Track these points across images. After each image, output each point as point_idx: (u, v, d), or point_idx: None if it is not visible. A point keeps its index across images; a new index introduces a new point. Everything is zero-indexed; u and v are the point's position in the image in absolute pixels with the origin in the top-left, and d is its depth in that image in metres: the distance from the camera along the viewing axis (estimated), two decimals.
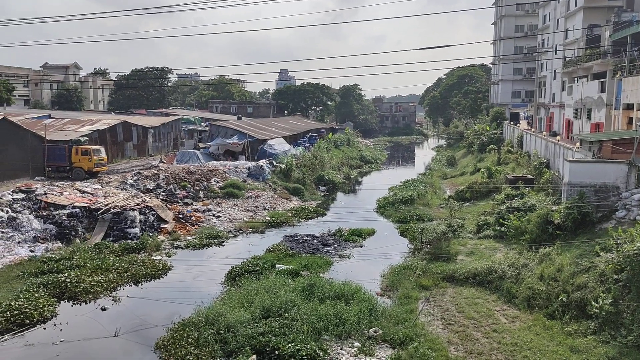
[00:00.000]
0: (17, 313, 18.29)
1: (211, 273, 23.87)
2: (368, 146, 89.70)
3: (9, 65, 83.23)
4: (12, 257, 25.11)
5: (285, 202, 40.13)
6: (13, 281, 21.90)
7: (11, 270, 23.33)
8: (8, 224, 27.77)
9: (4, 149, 33.87)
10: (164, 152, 55.41)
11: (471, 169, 51.49)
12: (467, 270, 22.01)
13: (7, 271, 23.19)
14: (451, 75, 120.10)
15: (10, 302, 18.89)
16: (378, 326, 17.27)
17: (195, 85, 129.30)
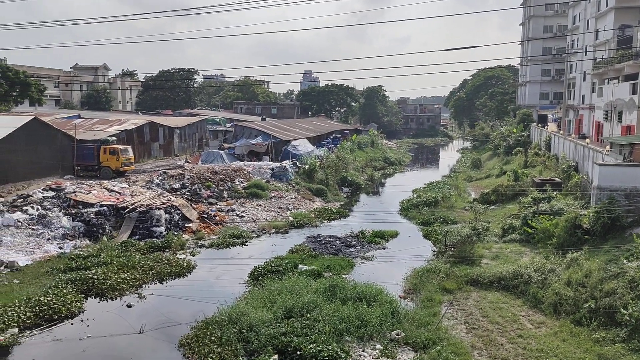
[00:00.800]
0: (45, 308, 18.73)
1: (234, 272, 24.05)
2: (392, 148, 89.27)
3: (41, 67, 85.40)
4: (42, 254, 25.73)
5: (308, 203, 40.21)
6: (42, 277, 22.44)
7: (41, 266, 23.91)
8: (38, 221, 28.46)
9: (35, 148, 34.70)
10: (189, 152, 56.07)
11: (497, 172, 50.80)
12: (491, 274, 21.70)
13: (36, 267, 23.78)
14: (477, 76, 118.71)
15: (39, 298, 19.36)
16: (400, 329, 17.16)
17: (221, 86, 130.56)
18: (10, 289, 20.80)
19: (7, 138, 32.31)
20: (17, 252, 25.60)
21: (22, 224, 27.83)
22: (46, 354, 16.58)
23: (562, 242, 23.57)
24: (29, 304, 18.94)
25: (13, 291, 20.57)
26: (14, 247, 26.07)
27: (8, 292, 20.38)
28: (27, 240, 26.93)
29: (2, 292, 20.43)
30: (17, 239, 26.70)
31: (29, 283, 21.67)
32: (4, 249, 25.58)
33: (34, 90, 44.40)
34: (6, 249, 25.68)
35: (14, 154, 32.74)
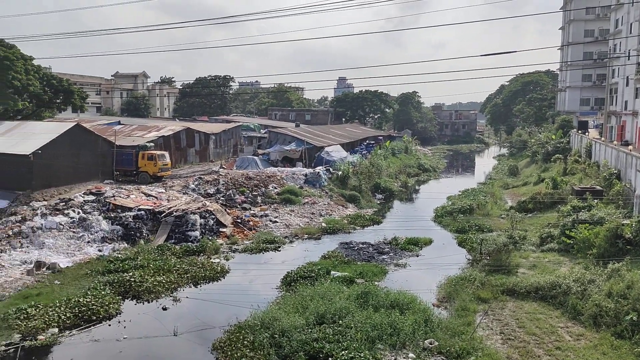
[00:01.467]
0: (84, 309, 19.29)
1: (267, 277, 24.20)
2: (426, 154, 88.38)
3: (83, 75, 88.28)
4: (82, 256, 26.51)
5: (341, 209, 40.18)
6: (82, 279, 23.10)
7: (80, 268, 24.63)
8: (79, 224, 29.35)
9: (77, 153, 35.82)
10: (224, 158, 56.85)
11: (535, 179, 49.64)
12: (528, 283, 21.19)
13: (76, 269, 24.50)
14: (515, 81, 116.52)
15: (79, 299, 19.94)
16: (434, 337, 16.92)
17: (256, 93, 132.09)
18: (52, 290, 21.49)
19: (51, 144, 33.47)
20: (58, 254, 26.47)
21: (63, 227, 28.76)
22: (84, 353, 17.04)
23: (602, 252, 22.86)
24: (69, 304, 19.52)
25: (54, 292, 21.25)
26: (56, 249, 26.96)
27: (49, 293, 21.06)
28: (68, 242, 27.81)
29: (44, 292, 21.12)
30: (59, 242, 27.61)
31: (69, 284, 22.35)
32: (47, 251, 26.50)
33: (77, 98, 45.83)
34: (48, 251, 26.60)
35: (57, 159, 33.87)
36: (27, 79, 39.46)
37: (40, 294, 20.85)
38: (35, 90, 40.79)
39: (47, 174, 33.16)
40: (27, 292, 21.31)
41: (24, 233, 27.70)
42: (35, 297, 20.51)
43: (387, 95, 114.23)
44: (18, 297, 20.69)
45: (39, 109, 44.72)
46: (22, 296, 20.78)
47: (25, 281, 22.64)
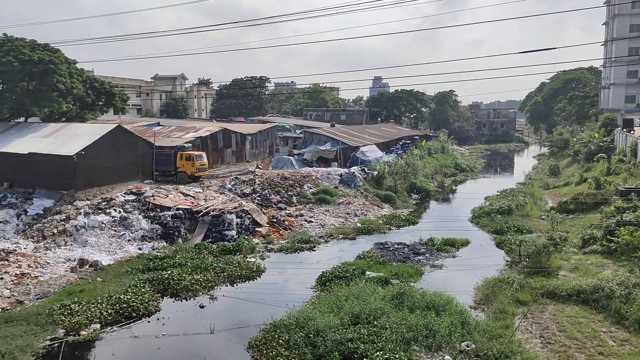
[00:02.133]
0: (125, 306, 19.82)
1: (302, 277, 24.32)
2: (463, 154, 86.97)
3: (124, 77, 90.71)
4: (123, 254, 27.25)
5: (376, 209, 39.99)
6: (122, 276, 23.73)
7: (121, 266, 25.31)
8: (120, 223, 30.17)
9: (118, 154, 36.82)
10: (260, 158, 57.39)
11: (577, 179, 48.16)
12: (570, 286, 20.59)
13: (117, 267, 25.19)
14: (556, 79, 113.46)
15: (119, 296, 20.51)
16: (471, 340, 16.65)
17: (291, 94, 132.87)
18: (94, 287, 22.16)
19: (94, 145, 34.51)
20: (100, 252, 27.29)
21: (105, 225, 29.62)
22: (125, 349, 17.51)
23: None
24: (110, 301, 20.10)
25: (96, 289, 21.90)
26: (98, 247, 27.80)
27: (92, 290, 21.72)
28: (109, 241, 28.63)
29: (87, 289, 21.80)
30: (101, 240, 28.45)
31: (110, 281, 23.00)
32: (89, 249, 27.36)
33: (118, 100, 47.05)
34: (91, 248, 27.45)
35: (100, 159, 34.90)
36: (71, 82, 40.73)
37: (83, 291, 21.53)
38: (79, 93, 42.09)
39: (89, 174, 34.19)
40: (71, 288, 22.03)
41: (68, 231, 28.67)
42: (79, 293, 21.20)
43: (423, 94, 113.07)
44: (62, 294, 21.42)
45: (83, 111, 46.11)
46: (66, 292, 21.50)
47: (69, 278, 23.42)
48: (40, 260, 25.48)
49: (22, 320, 18.57)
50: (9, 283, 22.42)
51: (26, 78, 39.47)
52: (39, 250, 26.88)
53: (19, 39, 40.23)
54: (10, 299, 20.84)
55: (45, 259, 25.66)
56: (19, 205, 32.28)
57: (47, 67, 38.79)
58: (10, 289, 21.81)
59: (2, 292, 21.37)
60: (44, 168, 33.50)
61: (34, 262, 25.06)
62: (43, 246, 27.41)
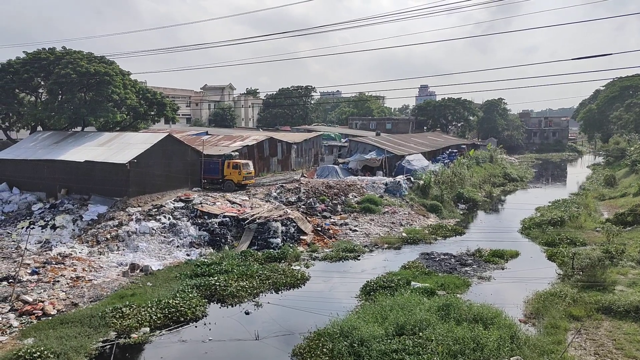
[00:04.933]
0: (173, 311, 20.26)
1: (347, 286, 24.21)
2: (513, 163, 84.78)
3: (175, 88, 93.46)
4: (172, 260, 27.93)
5: (422, 219, 39.44)
6: (171, 281, 24.29)
7: (170, 271, 25.93)
8: (169, 229, 30.97)
9: (168, 162, 37.88)
10: (305, 167, 57.75)
11: (635, 190, 46.02)
12: (627, 302, 19.63)
13: (167, 272, 25.82)
14: (612, 86, 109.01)
15: (168, 300, 20.99)
16: (520, 355, 16.09)
17: (337, 103, 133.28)
18: (144, 291, 22.78)
19: (146, 153, 35.64)
20: (150, 257, 28.07)
21: (155, 231, 30.47)
22: (173, 353, 17.87)
23: None
24: (160, 305, 20.59)
25: (146, 293, 22.50)
26: (148, 252, 28.61)
27: (142, 294, 22.33)
28: (159, 246, 29.42)
29: (137, 293, 22.44)
30: (151, 246, 29.27)
31: (160, 286, 23.57)
32: (140, 254, 28.19)
33: (169, 110, 48.55)
34: (142, 254, 28.28)
35: (151, 167, 36.00)
36: (125, 93, 42.36)
37: (134, 295, 22.17)
38: (132, 104, 43.69)
39: (141, 182, 35.29)
40: (123, 292, 22.74)
41: (120, 237, 29.66)
42: (130, 297, 21.83)
43: (470, 102, 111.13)
44: (114, 297, 22.13)
45: (135, 120, 47.81)
46: (118, 296, 22.19)
47: (121, 282, 24.20)
48: (94, 264, 26.45)
49: (76, 322, 19.27)
50: (65, 286, 23.36)
51: (83, 89, 41.34)
52: (93, 255, 27.93)
53: (77, 52, 42.21)
54: (66, 301, 21.70)
55: (99, 263, 26.62)
56: (75, 211, 33.66)
57: (102, 79, 40.50)
58: (65, 291, 22.72)
59: (58, 294, 22.29)
60: (99, 175, 34.84)
61: (88, 266, 26.04)
62: (97, 251, 28.46)
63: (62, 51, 42.17)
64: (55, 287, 23.12)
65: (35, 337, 18.07)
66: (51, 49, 42.61)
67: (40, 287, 23.06)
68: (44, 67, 41.01)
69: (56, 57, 41.18)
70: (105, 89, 40.59)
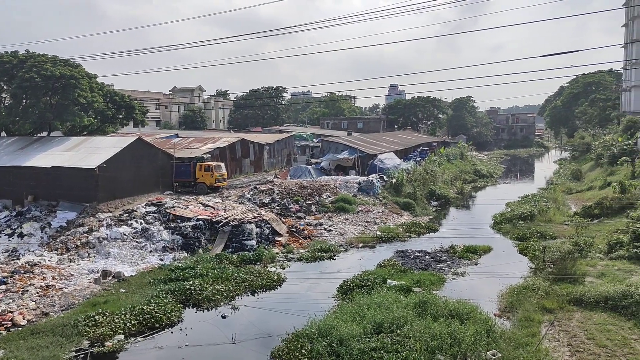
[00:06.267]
0: (148, 317, 19.91)
1: (323, 286, 24.22)
2: (482, 160, 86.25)
3: (144, 90, 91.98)
4: (145, 265, 27.45)
5: (396, 217, 39.74)
6: (145, 287, 23.86)
7: (144, 277, 25.47)
8: (141, 234, 30.44)
9: (139, 165, 37.23)
10: (278, 168, 57.55)
11: (600, 183, 47.35)
12: (597, 293, 20.15)
13: (140, 278, 25.36)
14: (575, 83, 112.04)
15: (142, 307, 20.61)
16: (496, 349, 16.34)
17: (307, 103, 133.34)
18: (117, 298, 22.32)
19: (115, 157, 34.95)
20: (123, 263, 27.54)
21: (127, 237, 29.91)
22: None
23: None
24: (134, 312, 20.20)
25: (120, 300, 22.05)
26: (121, 258, 28.06)
27: (115, 301, 21.88)
28: (131, 252, 28.88)
29: (110, 300, 21.97)
30: (123, 251, 28.72)
31: (133, 292, 23.13)
32: (112, 260, 27.63)
33: (138, 113, 47.69)
34: (114, 260, 27.72)
35: (121, 171, 35.32)
36: (92, 96, 41.44)
37: (107, 302, 21.70)
38: (100, 107, 42.77)
39: (111, 187, 34.60)
40: (95, 300, 22.24)
41: (91, 243, 29.01)
42: (102, 304, 21.35)
43: (440, 100, 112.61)
44: (86, 305, 21.62)
45: (103, 124, 46.86)
46: (90, 304, 21.69)
47: (93, 289, 23.66)
48: (65, 272, 25.80)
49: (47, 332, 18.76)
50: (35, 295, 22.71)
51: (49, 93, 40.28)
52: (63, 262, 27.24)
53: (41, 55, 41.11)
54: (36, 311, 21.10)
55: (69, 271, 25.97)
56: (43, 218, 32.80)
57: (68, 82, 39.55)
58: (35, 301, 22.09)
59: (28, 304, 21.65)
60: (67, 181, 34.02)
61: (59, 274, 25.38)
62: (67, 258, 27.77)
63: (25, 54, 40.99)
64: (24, 296, 22.46)
65: (5, 348, 17.52)
66: (14, 52, 41.38)
67: (9, 297, 22.39)
68: (7, 71, 39.79)
69: (19, 61, 40.00)
70: (72, 92, 39.63)
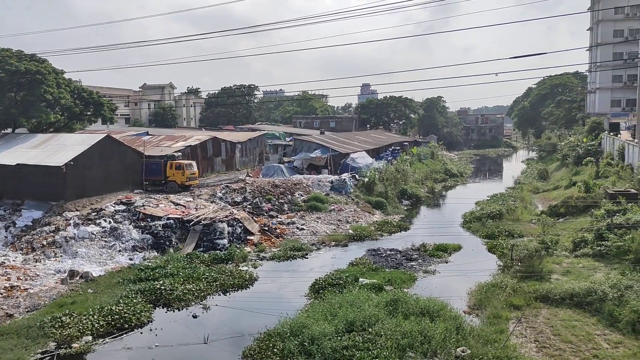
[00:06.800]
0: (117, 317, 19.58)
1: (295, 285, 24.22)
2: (453, 159, 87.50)
3: (112, 87, 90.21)
4: (114, 265, 26.97)
5: (368, 215, 40.00)
6: (114, 287, 23.46)
7: (112, 277, 25.02)
8: (110, 233, 29.90)
9: (107, 164, 36.52)
10: (250, 167, 57.23)
11: (566, 183, 48.60)
12: (563, 290, 20.69)
13: (109, 277, 24.91)
14: (542, 84, 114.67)
15: (111, 307, 20.25)
16: (466, 346, 16.62)
17: (280, 101, 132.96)
18: (85, 299, 21.88)
19: (83, 155, 34.22)
20: (91, 263, 26.99)
21: (95, 236, 29.33)
22: None
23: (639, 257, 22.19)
24: (102, 313, 19.83)
25: (88, 300, 21.62)
26: (89, 258, 27.50)
27: (83, 302, 21.44)
28: (100, 251, 28.33)
29: (78, 301, 21.52)
30: (92, 251, 28.15)
31: (102, 293, 22.72)
32: (80, 260, 27.05)
33: (107, 110, 46.72)
34: (81, 260, 27.15)
35: (89, 169, 34.60)
36: (59, 92, 40.42)
37: (75, 303, 21.26)
38: (67, 103, 41.77)
39: (79, 185, 33.88)
40: (62, 300, 21.75)
41: (57, 243, 28.34)
42: (70, 305, 20.91)
43: (411, 100, 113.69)
44: (53, 306, 21.13)
45: (71, 121, 45.76)
46: (57, 305, 21.21)
47: (60, 290, 23.13)
48: (30, 272, 25.13)
49: (12, 334, 18.28)
50: None
51: (14, 88, 39.15)
52: (29, 263, 26.52)
53: (6, 50, 39.91)
54: (0, 313, 20.51)
55: (35, 271, 25.32)
56: (7, 217, 31.91)
57: (34, 78, 38.50)
58: None
59: None
60: (33, 179, 33.16)
61: (24, 275, 24.71)
62: (32, 258, 27.05)
63: None
64: None
65: None
66: None
67: None
68: None
69: None
70: (38, 88, 38.58)
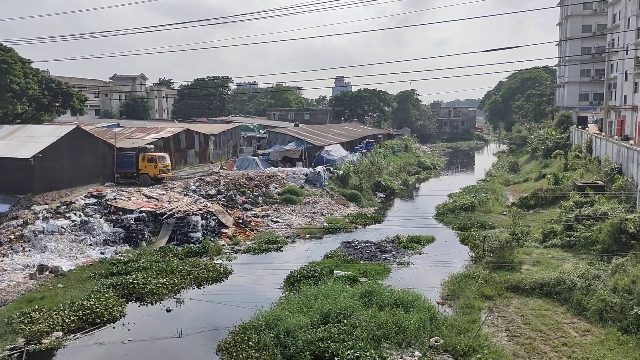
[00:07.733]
0: (88, 312, 19.26)
1: (270, 277, 24.18)
2: (426, 152, 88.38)
3: (82, 77, 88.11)
4: (84, 259, 26.46)
5: (342, 208, 40.14)
6: (85, 282, 23.04)
7: (83, 271, 24.57)
8: (81, 227, 29.30)
9: (77, 156, 35.73)
10: (224, 159, 56.75)
11: (536, 175, 49.65)
12: (533, 280, 21.17)
13: (79, 272, 24.45)
14: (513, 78, 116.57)
15: (82, 302, 19.90)
16: (439, 335, 16.88)
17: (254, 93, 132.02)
18: (55, 294, 21.44)
19: (51, 147, 33.39)
20: (60, 257, 26.42)
21: (65, 230, 28.70)
22: (90, 357, 17.01)
23: (606, 247, 22.84)
24: (73, 308, 19.48)
25: (58, 295, 21.18)
26: (58, 252, 26.90)
27: (53, 297, 21.00)
28: (70, 246, 27.75)
29: (47, 296, 21.07)
30: (61, 245, 27.55)
31: (72, 288, 22.29)
32: (49, 255, 26.44)
33: (76, 101, 45.70)
34: (51, 254, 26.54)
35: (58, 162, 33.80)
36: (26, 83, 39.37)
37: (44, 298, 20.81)
38: (34, 94, 40.72)
39: (48, 178, 33.08)
40: (31, 296, 21.27)
41: (25, 237, 27.64)
42: (39, 300, 20.46)
43: (385, 93, 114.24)
44: (22, 301, 20.65)
45: (39, 112, 44.65)
46: (26, 300, 20.74)
47: (29, 285, 22.60)
48: None
49: None
50: None
51: None
52: None
53: None
54: None
55: (2, 266, 24.66)
56: None
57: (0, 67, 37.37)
58: None
59: None
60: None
61: None
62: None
63: None
64: None
65: None
66: None
67: None
68: None
69: None
70: (3, 78, 37.52)
